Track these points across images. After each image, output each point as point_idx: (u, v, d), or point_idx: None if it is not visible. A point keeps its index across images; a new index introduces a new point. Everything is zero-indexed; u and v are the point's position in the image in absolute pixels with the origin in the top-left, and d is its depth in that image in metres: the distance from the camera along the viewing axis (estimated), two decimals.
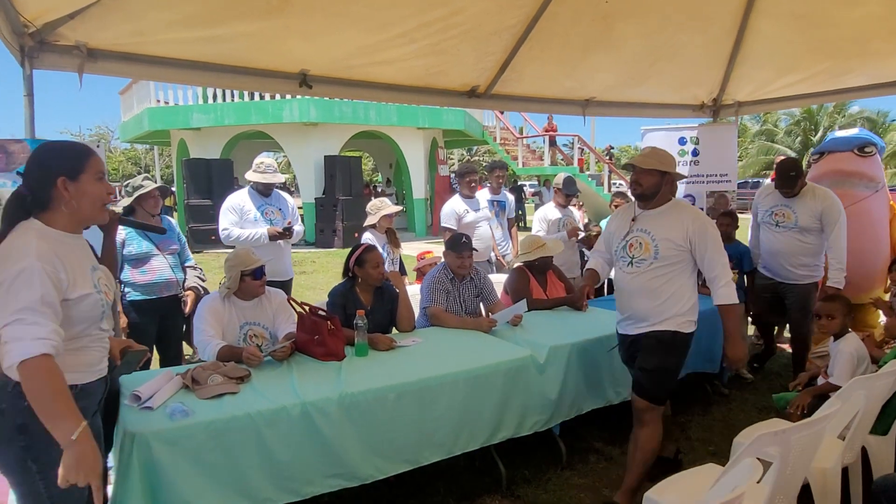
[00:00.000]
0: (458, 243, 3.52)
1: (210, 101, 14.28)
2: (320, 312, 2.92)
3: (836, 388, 2.85)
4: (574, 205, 5.17)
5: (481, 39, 3.47)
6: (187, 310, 3.61)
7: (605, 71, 4.18)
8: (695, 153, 5.44)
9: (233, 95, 14.12)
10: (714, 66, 4.56)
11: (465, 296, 3.65)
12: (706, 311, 2.86)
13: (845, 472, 2.48)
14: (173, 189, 16.70)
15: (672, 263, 2.65)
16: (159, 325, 3.55)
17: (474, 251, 3.62)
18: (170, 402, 2.26)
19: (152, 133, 15.81)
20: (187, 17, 2.61)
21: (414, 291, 3.72)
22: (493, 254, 4.96)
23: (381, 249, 3.86)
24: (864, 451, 2.58)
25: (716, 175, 5.37)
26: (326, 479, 2.34)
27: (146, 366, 2.43)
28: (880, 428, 2.59)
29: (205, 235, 12.37)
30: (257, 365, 2.64)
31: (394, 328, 3.43)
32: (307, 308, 2.93)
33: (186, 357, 3.99)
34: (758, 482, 1.59)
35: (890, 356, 2.69)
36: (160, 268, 3.51)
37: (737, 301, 2.66)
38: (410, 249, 9.01)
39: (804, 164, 7.45)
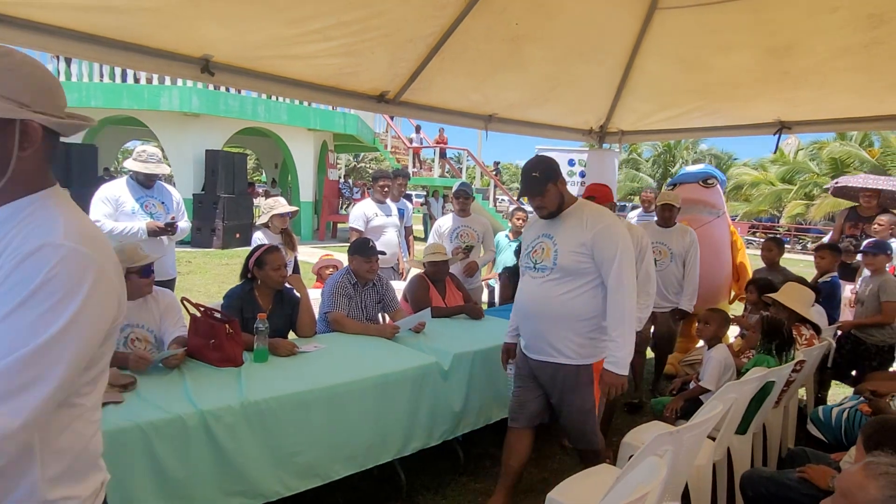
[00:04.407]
0: (367, 247, 3.47)
1: (73, 78, 12.78)
2: (216, 315, 2.74)
3: (706, 390, 3.21)
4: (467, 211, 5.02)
5: (397, 45, 3.46)
6: None
7: (509, 89, 4.35)
8: (582, 174, 5.84)
9: (101, 75, 12.75)
10: (605, 96, 4.91)
11: (366, 302, 3.60)
12: None
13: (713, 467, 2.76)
14: None
15: None
16: None
17: (381, 254, 3.59)
18: None
19: None
20: None
21: (314, 296, 3.60)
22: (397, 261, 4.94)
23: None
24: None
25: None
26: (227, 498, 2.16)
27: None
28: (741, 428, 2.93)
29: None
30: (144, 369, 2.40)
31: (290, 333, 3.29)
32: (202, 309, 2.72)
33: None
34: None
35: (751, 364, 3.06)
36: None
37: None
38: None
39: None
